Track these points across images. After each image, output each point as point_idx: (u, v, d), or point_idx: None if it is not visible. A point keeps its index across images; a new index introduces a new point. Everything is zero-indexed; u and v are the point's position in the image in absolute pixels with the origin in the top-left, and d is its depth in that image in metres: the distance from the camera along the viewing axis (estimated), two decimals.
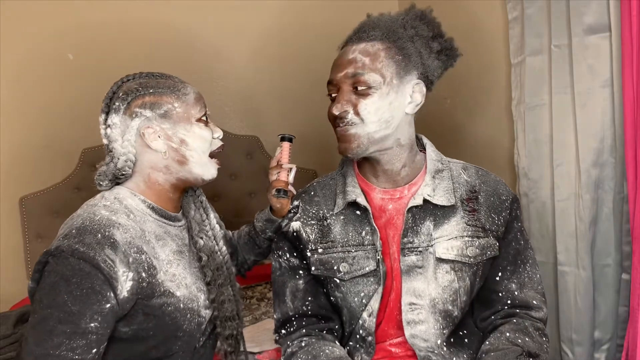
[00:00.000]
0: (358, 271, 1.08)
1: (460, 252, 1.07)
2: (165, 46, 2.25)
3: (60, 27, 2.12)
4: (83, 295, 0.87)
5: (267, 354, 1.41)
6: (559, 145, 1.44)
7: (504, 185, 1.15)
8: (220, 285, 1.08)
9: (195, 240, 1.09)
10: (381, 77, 1.04)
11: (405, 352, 1.10)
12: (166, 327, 0.97)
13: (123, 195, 1.01)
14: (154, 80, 1.03)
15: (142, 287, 0.94)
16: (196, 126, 1.04)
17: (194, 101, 1.05)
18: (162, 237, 1.02)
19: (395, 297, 1.09)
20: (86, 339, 0.87)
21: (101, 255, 0.89)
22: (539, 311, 1.11)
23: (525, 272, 1.12)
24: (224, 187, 2.40)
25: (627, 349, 1.21)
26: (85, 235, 0.90)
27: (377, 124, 1.04)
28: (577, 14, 1.33)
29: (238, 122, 2.43)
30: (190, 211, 1.13)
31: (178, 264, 1.02)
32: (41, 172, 2.10)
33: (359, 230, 1.10)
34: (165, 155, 1.02)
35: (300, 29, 2.42)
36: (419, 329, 1.07)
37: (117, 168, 1.01)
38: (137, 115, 1.00)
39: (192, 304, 1.01)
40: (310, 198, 1.18)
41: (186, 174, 1.04)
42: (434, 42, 1.09)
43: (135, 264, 0.93)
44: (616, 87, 1.27)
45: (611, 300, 1.37)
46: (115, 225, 0.95)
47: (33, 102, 2.11)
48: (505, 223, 1.11)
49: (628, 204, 1.25)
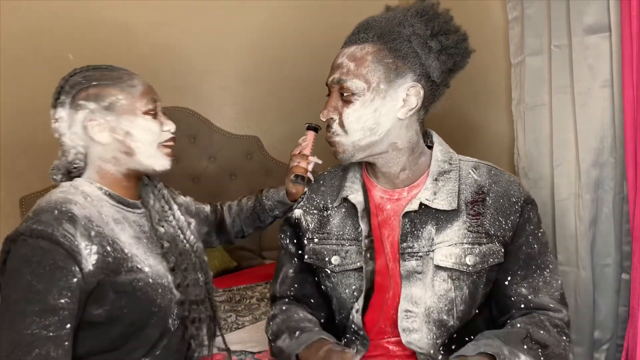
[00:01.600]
0: (349, 265, 1.10)
1: (458, 260, 1.04)
2: (166, 46, 2.26)
3: (60, 27, 2.12)
4: (47, 273, 0.88)
5: (266, 353, 1.41)
6: (559, 145, 1.44)
7: (517, 186, 1.09)
8: (184, 269, 1.09)
9: (156, 229, 1.10)
10: (365, 82, 1.01)
11: (403, 351, 1.09)
12: (139, 302, 0.97)
13: (79, 183, 1.03)
14: (99, 73, 1.04)
15: (108, 261, 0.94)
16: (141, 118, 1.03)
17: (140, 93, 1.04)
18: (120, 221, 1.02)
19: (393, 298, 1.08)
20: (58, 315, 0.87)
21: (59, 230, 0.90)
22: (558, 312, 1.06)
23: (540, 277, 1.07)
24: (224, 187, 2.40)
25: (627, 349, 1.21)
26: (41, 215, 0.91)
27: (361, 132, 1.03)
28: (577, 14, 1.33)
29: (238, 122, 2.43)
30: (150, 200, 1.14)
31: (137, 247, 1.02)
32: (41, 172, 2.10)
33: (356, 225, 1.10)
34: (110, 147, 1.02)
35: (300, 29, 2.42)
36: (413, 337, 1.05)
37: (68, 161, 1.04)
38: (82, 107, 1.01)
39: (162, 280, 1.01)
40: (317, 187, 1.20)
41: (136, 164, 1.05)
42: (433, 41, 1.03)
43: (98, 237, 0.94)
44: (616, 87, 1.26)
45: (611, 300, 1.37)
46: (72, 202, 0.95)
47: (33, 102, 2.10)
48: (514, 227, 1.06)
49: (628, 204, 1.25)
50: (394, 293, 1.08)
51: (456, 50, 1.06)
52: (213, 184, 2.38)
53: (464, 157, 1.14)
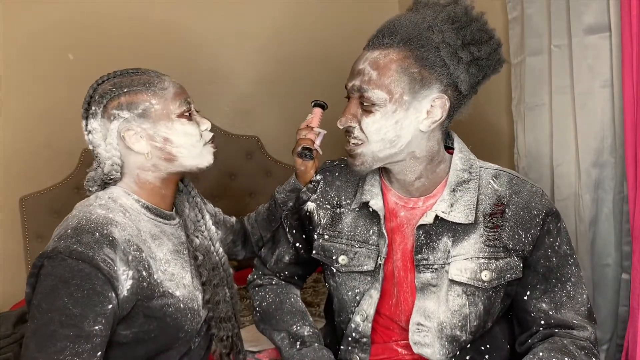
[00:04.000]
0: (356, 267, 1.07)
1: (473, 276, 0.99)
2: (166, 46, 2.25)
3: (60, 26, 2.12)
4: (84, 297, 0.84)
5: (267, 353, 1.41)
6: (559, 145, 1.44)
7: (539, 197, 1.02)
8: (215, 285, 1.07)
9: (191, 239, 1.07)
10: (387, 94, 0.94)
11: (412, 355, 1.06)
12: (167, 328, 0.95)
13: (117, 194, 0.99)
14: (128, 79, 0.98)
15: (143, 286, 0.91)
16: (178, 122, 0.99)
17: (172, 95, 1.00)
18: (158, 237, 0.99)
19: (397, 305, 1.06)
20: (91, 343, 0.84)
21: (100, 254, 0.86)
22: (583, 330, 0.99)
23: (562, 292, 1.01)
24: (224, 187, 2.40)
25: (627, 349, 1.21)
26: (82, 235, 0.87)
27: (381, 144, 0.97)
28: (577, 14, 1.33)
29: (238, 122, 2.43)
30: (185, 210, 1.11)
31: (176, 263, 1.00)
32: (41, 172, 2.10)
33: (368, 228, 1.07)
34: (149, 155, 0.98)
35: (300, 29, 2.42)
36: (425, 351, 1.02)
37: (104, 173, 0.99)
38: (115, 117, 0.96)
39: (192, 304, 0.99)
40: (332, 180, 1.15)
41: (178, 168, 1.02)
42: (464, 52, 0.95)
43: (135, 262, 0.91)
44: (616, 87, 1.26)
45: (611, 300, 1.37)
46: (113, 223, 0.92)
47: (33, 102, 2.10)
48: (534, 241, 1.00)
49: (628, 204, 1.25)
50: (398, 300, 1.06)
51: (488, 62, 0.99)
52: (213, 184, 2.37)
53: (485, 163, 1.08)
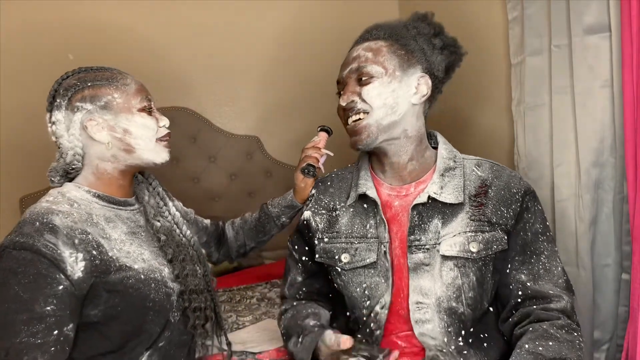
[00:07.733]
0: (359, 262, 1.12)
1: (462, 248, 1.07)
2: (166, 46, 2.26)
3: (60, 27, 2.12)
4: (31, 282, 0.90)
5: (267, 353, 1.41)
6: (559, 145, 1.44)
7: (517, 179, 1.13)
8: (182, 260, 1.11)
9: (152, 223, 1.13)
10: (383, 68, 1.09)
11: (411, 347, 1.11)
12: (132, 299, 0.99)
13: (67, 189, 1.05)
14: (92, 74, 1.06)
15: (96, 264, 0.96)
16: (138, 116, 1.06)
17: (134, 91, 1.07)
18: (112, 220, 1.05)
19: (397, 292, 1.10)
20: (45, 323, 0.89)
21: (40, 241, 0.91)
22: (559, 301, 1.05)
23: (538, 264, 1.08)
24: (224, 187, 2.40)
25: (627, 349, 1.21)
26: (23, 227, 0.94)
27: (383, 110, 1.09)
28: (577, 14, 1.33)
29: (238, 122, 2.43)
30: (144, 197, 1.17)
31: (132, 242, 1.05)
32: (41, 172, 2.09)
33: (364, 223, 1.14)
34: (109, 145, 1.05)
35: (301, 30, 2.42)
36: (427, 327, 1.08)
37: (66, 163, 1.06)
38: (79, 109, 1.04)
39: (154, 274, 1.03)
40: (325, 188, 1.25)
41: (135, 160, 1.08)
42: (436, 39, 1.15)
43: (82, 244, 0.96)
44: (616, 87, 1.26)
45: (611, 300, 1.37)
46: (54, 212, 0.97)
47: (33, 102, 2.10)
48: (516, 215, 1.09)
49: (628, 204, 1.25)
50: (402, 289, 1.10)
51: (454, 49, 1.18)
52: (213, 184, 2.38)
53: (467, 155, 1.19)
